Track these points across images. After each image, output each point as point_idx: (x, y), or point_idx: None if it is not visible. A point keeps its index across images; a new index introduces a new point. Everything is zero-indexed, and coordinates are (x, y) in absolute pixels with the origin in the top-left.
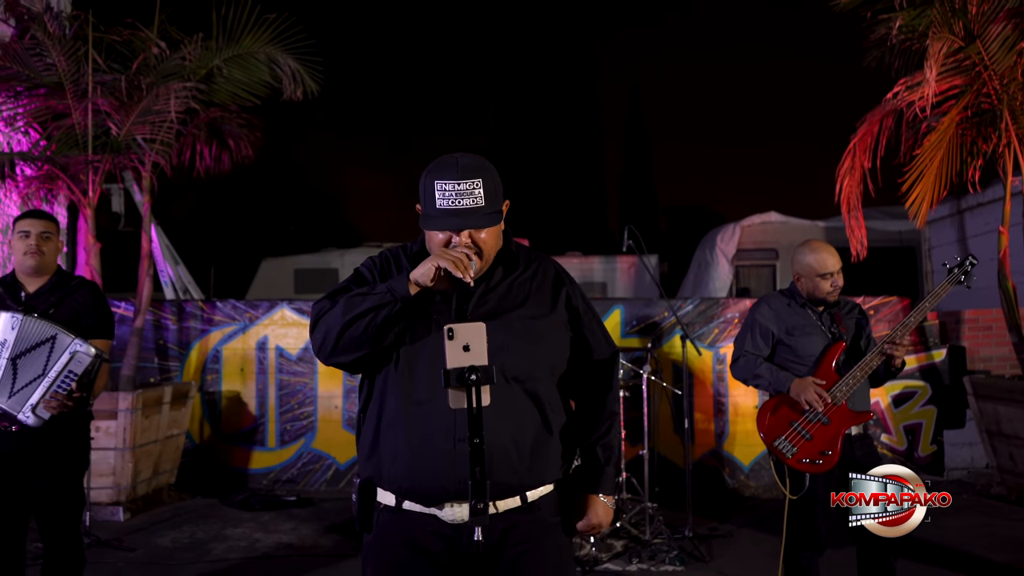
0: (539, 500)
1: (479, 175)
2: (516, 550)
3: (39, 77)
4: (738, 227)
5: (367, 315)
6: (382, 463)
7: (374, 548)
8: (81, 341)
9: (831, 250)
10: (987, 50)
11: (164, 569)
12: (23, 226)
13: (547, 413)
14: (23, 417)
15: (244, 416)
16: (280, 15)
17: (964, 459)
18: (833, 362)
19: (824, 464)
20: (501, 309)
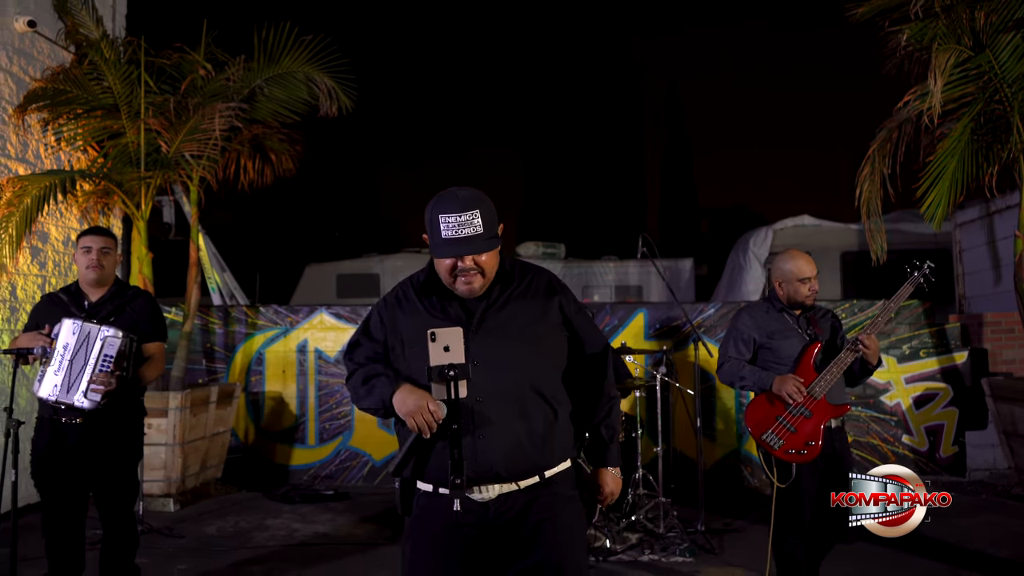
0: (555, 476)
1: (477, 206)
2: (536, 518)
3: (97, 100)
4: (771, 230)
5: (369, 410)
6: (420, 462)
7: (415, 527)
8: (108, 327)
9: (808, 259)
10: (997, 59)
11: (210, 554)
12: (85, 242)
13: (553, 404)
14: (79, 403)
15: (286, 415)
16: (316, 36)
17: (986, 460)
18: (811, 361)
19: (809, 454)
20: (502, 320)
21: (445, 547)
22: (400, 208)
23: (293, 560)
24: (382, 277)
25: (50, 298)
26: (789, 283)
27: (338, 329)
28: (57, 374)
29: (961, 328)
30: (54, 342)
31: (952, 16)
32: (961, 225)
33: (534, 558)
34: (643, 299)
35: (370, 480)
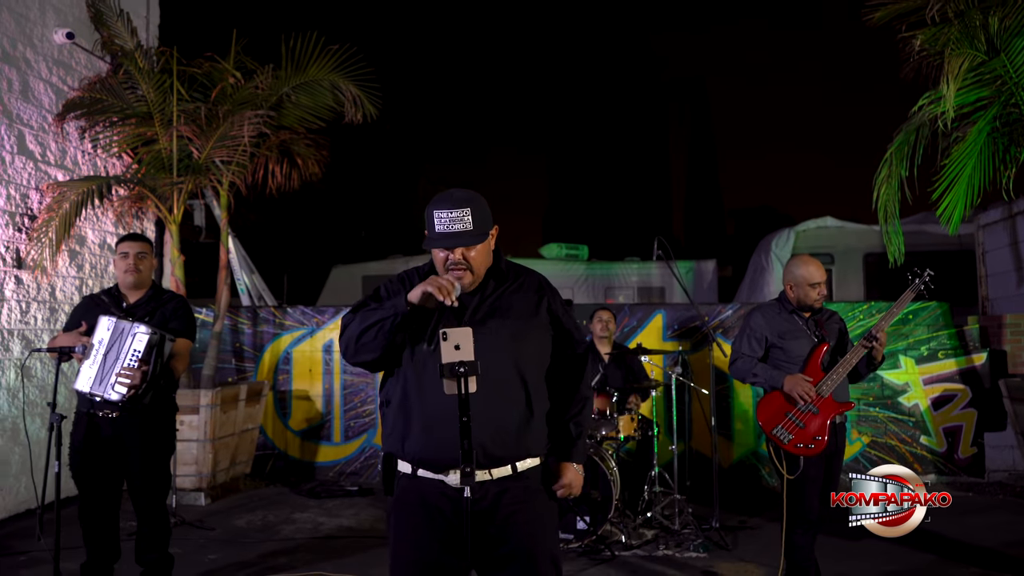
0: (527, 470)
1: (469, 205)
2: (508, 509)
3: (131, 108)
4: (793, 232)
5: (375, 325)
6: (402, 440)
7: (395, 506)
8: (139, 324)
9: (819, 265)
10: (1012, 63)
11: (240, 546)
12: (123, 248)
13: (532, 399)
14: (107, 394)
15: (312, 413)
16: (341, 45)
17: (1005, 461)
18: (819, 361)
19: (816, 448)
20: (493, 315)
21: (425, 526)
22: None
23: (319, 552)
24: None
25: (91, 299)
26: (800, 287)
27: None
28: (92, 367)
29: (980, 330)
30: (90, 341)
31: (965, 21)
32: (984, 227)
33: (507, 547)
34: (665, 300)
35: None
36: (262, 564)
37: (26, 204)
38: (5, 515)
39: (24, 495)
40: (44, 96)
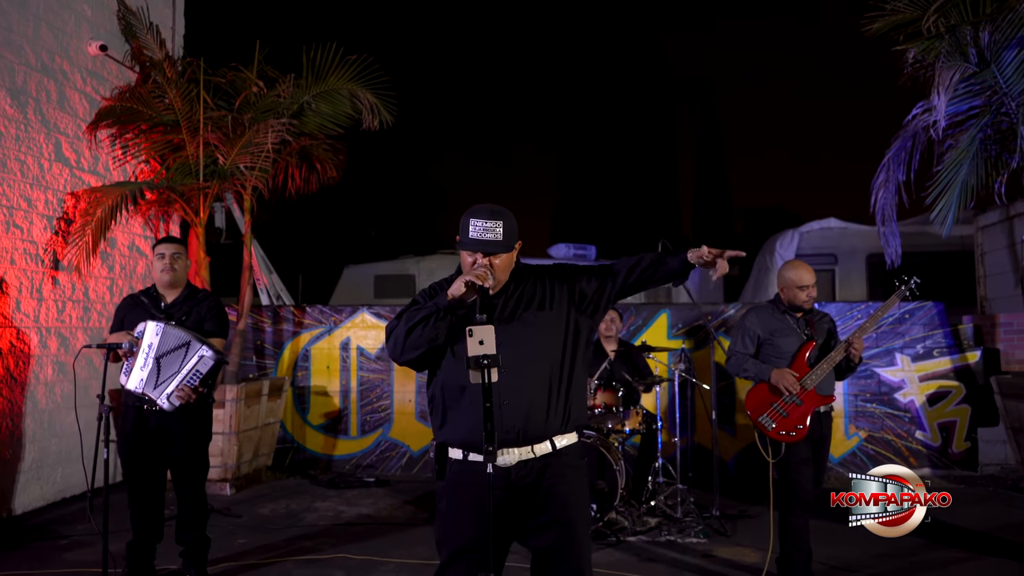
0: (564, 447)
1: (502, 219)
2: (549, 482)
3: (159, 116)
4: (797, 233)
5: (420, 323)
6: (451, 429)
7: (447, 488)
8: (208, 348)
9: (809, 269)
10: (1002, 74)
11: (266, 531)
12: (160, 250)
13: (561, 382)
14: (161, 403)
15: (330, 408)
16: (360, 55)
17: (998, 455)
18: (805, 357)
19: (797, 435)
20: (518, 311)
21: (474, 503)
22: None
23: (341, 537)
24: (418, 278)
25: (132, 299)
26: (790, 289)
27: (379, 328)
28: (143, 370)
29: (974, 328)
30: (139, 340)
31: (957, 35)
32: (983, 228)
33: (548, 515)
34: (671, 300)
35: (408, 469)
36: (288, 547)
37: (62, 208)
38: (43, 503)
39: (61, 484)
40: (79, 105)
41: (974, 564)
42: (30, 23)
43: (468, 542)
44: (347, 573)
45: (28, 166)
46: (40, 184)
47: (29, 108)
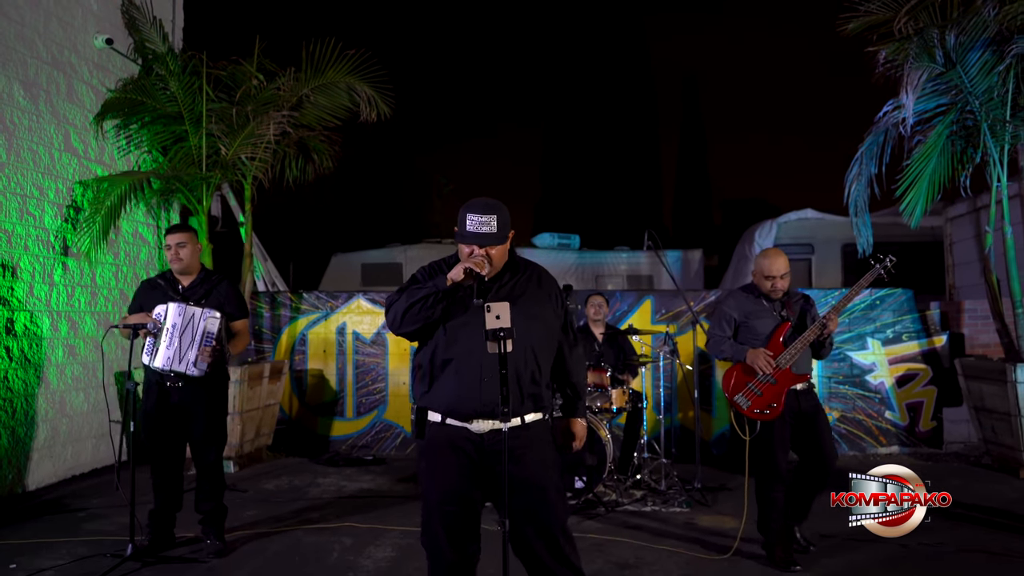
0: (532, 422)
1: (495, 212)
2: (519, 451)
3: (163, 108)
4: (775, 223)
5: (420, 300)
6: (434, 396)
7: (427, 449)
8: (209, 311)
9: (782, 261)
10: (967, 74)
11: (273, 504)
12: (168, 240)
13: (539, 366)
14: (190, 371)
15: (326, 391)
16: (358, 50)
17: (962, 434)
18: (781, 337)
19: (771, 414)
20: (510, 299)
21: (451, 460)
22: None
23: (345, 508)
24: (405, 266)
25: (150, 283)
26: (757, 276)
27: (374, 313)
28: (169, 348)
29: (941, 314)
30: (159, 321)
31: (924, 37)
32: (952, 219)
33: (520, 477)
34: (653, 287)
35: (402, 449)
36: (296, 518)
37: (71, 197)
38: (55, 480)
39: (71, 462)
40: (86, 97)
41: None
42: (40, 17)
43: (444, 496)
44: (355, 539)
45: (40, 156)
46: (51, 173)
47: (40, 100)
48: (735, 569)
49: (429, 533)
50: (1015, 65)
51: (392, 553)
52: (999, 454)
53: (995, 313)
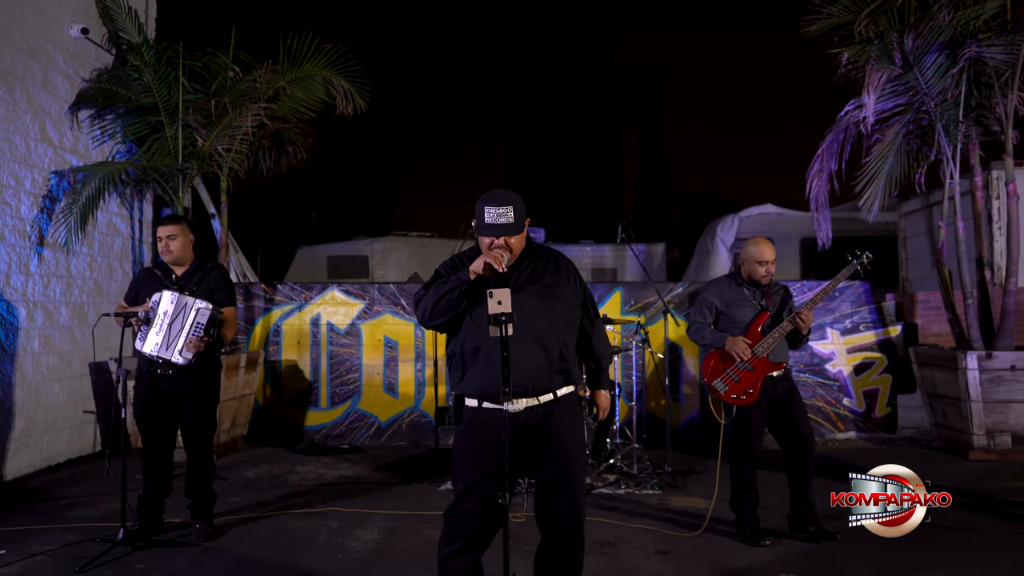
0: (564, 395)
1: (511, 203)
2: (551, 424)
3: (138, 98)
4: (737, 218)
5: (446, 295)
6: (469, 382)
7: (465, 431)
8: (201, 301)
9: (770, 247)
10: (923, 76)
11: (256, 491)
12: (159, 232)
13: (564, 344)
14: (176, 359)
15: (300, 381)
16: (334, 43)
17: (915, 419)
18: (759, 327)
19: (747, 399)
20: (530, 283)
21: (488, 442)
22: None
23: (327, 494)
24: (371, 259)
25: (147, 271)
26: (749, 263)
27: (348, 304)
28: (158, 335)
29: (896, 305)
30: (154, 309)
31: (884, 40)
32: (906, 215)
33: (551, 451)
34: (617, 279)
35: (376, 439)
36: (280, 504)
37: (47, 187)
38: (31, 470)
39: (47, 452)
40: (61, 86)
41: None
42: (16, 5)
43: (483, 475)
44: (341, 523)
45: (16, 145)
46: (27, 163)
47: (16, 89)
48: (708, 544)
49: (460, 509)
50: (968, 68)
51: (379, 535)
52: (950, 437)
53: (947, 304)
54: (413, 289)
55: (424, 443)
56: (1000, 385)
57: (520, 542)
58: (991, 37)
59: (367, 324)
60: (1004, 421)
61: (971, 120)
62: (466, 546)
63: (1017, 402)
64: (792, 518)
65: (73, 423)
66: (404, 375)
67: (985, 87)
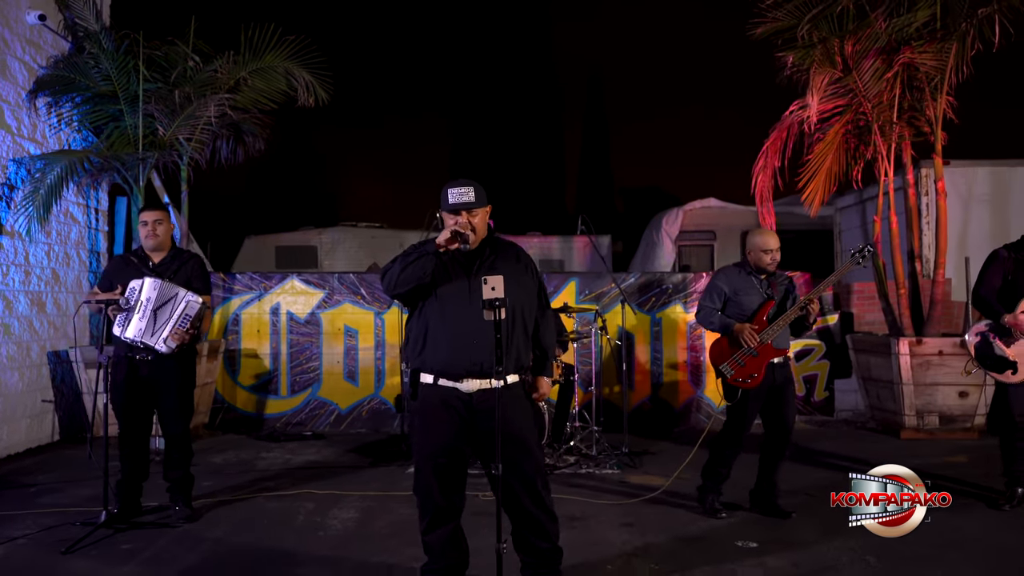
0: (513, 383)
1: (471, 185)
2: (503, 407)
3: (97, 86)
4: (681, 211)
5: (412, 263)
6: (426, 358)
7: (420, 408)
8: (193, 294)
9: (773, 235)
10: (861, 79)
11: (226, 476)
12: (144, 217)
13: (526, 330)
14: (159, 347)
15: (260, 370)
16: (298, 36)
17: (850, 403)
18: (765, 315)
19: (752, 383)
20: (492, 271)
21: (443, 417)
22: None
23: (298, 478)
24: (320, 249)
25: (122, 259)
26: (755, 252)
27: (308, 293)
28: (141, 321)
29: (834, 296)
30: (132, 295)
31: (827, 45)
32: (840, 209)
33: (506, 428)
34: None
35: (336, 426)
36: (252, 487)
37: (6, 175)
38: None
39: (7, 441)
40: (19, 74)
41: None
42: None
43: (436, 448)
44: (316, 504)
45: None
46: None
47: None
48: (668, 515)
49: (422, 482)
50: (902, 73)
51: (356, 514)
52: (883, 418)
53: (881, 294)
54: (372, 279)
55: (384, 429)
56: (929, 369)
57: None
58: (923, 44)
59: (327, 313)
60: (932, 402)
61: (904, 121)
62: (436, 519)
63: (944, 385)
64: (755, 495)
65: (32, 412)
66: (364, 363)
67: (917, 91)
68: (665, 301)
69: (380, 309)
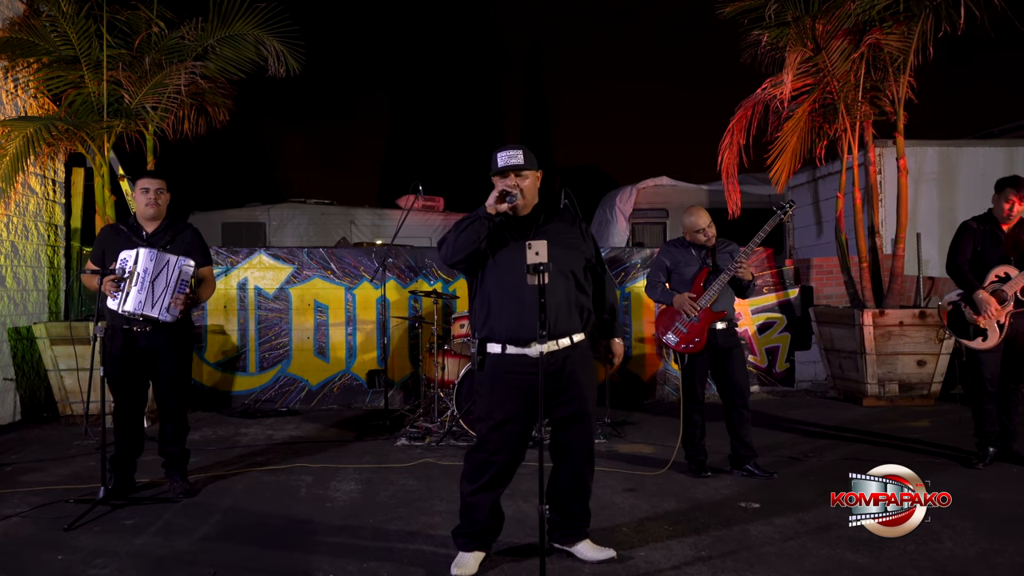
0: (580, 342)
1: (520, 149)
2: (570, 368)
3: (57, 51)
4: (635, 189)
5: (466, 229)
6: (492, 327)
7: (488, 376)
8: (184, 259)
9: (703, 213)
10: (830, 59)
11: (211, 453)
12: (143, 184)
13: (579, 292)
14: (163, 316)
15: (227, 346)
16: (268, 3)
17: (810, 373)
18: (701, 281)
19: (695, 347)
20: (549, 235)
21: (513, 385)
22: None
23: (287, 453)
24: (268, 225)
25: (113, 228)
26: (689, 234)
27: (276, 268)
28: (140, 292)
29: (795, 270)
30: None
31: (800, 25)
32: (792, 188)
33: (570, 392)
34: None
35: (307, 402)
36: (243, 463)
37: None
38: None
39: None
40: None
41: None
42: None
43: (508, 416)
44: (314, 477)
45: None
46: None
47: None
48: (668, 480)
49: (487, 447)
50: (867, 53)
51: (357, 486)
52: (845, 388)
53: (843, 267)
54: (343, 253)
55: (356, 405)
56: (890, 339)
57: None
58: (892, 26)
59: (296, 288)
60: (893, 371)
61: (867, 101)
62: (490, 482)
63: (904, 354)
64: (732, 458)
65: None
66: (335, 339)
67: (881, 71)
68: (634, 276)
69: (351, 284)
